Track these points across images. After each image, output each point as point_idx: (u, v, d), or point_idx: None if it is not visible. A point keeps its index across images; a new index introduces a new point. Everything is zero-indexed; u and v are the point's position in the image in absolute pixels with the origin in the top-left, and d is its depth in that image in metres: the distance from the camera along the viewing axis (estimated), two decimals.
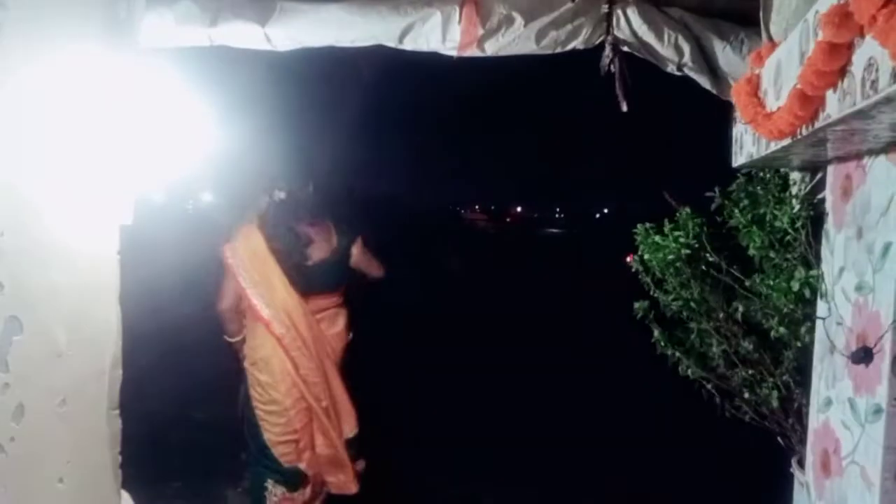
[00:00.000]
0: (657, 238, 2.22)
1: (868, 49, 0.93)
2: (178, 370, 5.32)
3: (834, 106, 1.09)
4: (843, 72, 1.03)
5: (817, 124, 1.19)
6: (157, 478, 3.57)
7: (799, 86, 1.15)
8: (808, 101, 1.15)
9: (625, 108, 2.18)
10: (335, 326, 3.00)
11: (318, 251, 2.95)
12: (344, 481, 2.97)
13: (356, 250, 3.06)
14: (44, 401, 1.59)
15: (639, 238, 2.29)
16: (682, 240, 2.14)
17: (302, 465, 2.91)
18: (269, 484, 2.91)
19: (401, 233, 4.03)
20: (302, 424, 2.89)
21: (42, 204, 1.59)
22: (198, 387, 4.99)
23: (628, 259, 2.43)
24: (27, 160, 1.54)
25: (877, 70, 0.90)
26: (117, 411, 1.83)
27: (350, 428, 3.00)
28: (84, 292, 1.71)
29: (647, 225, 2.28)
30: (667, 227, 2.22)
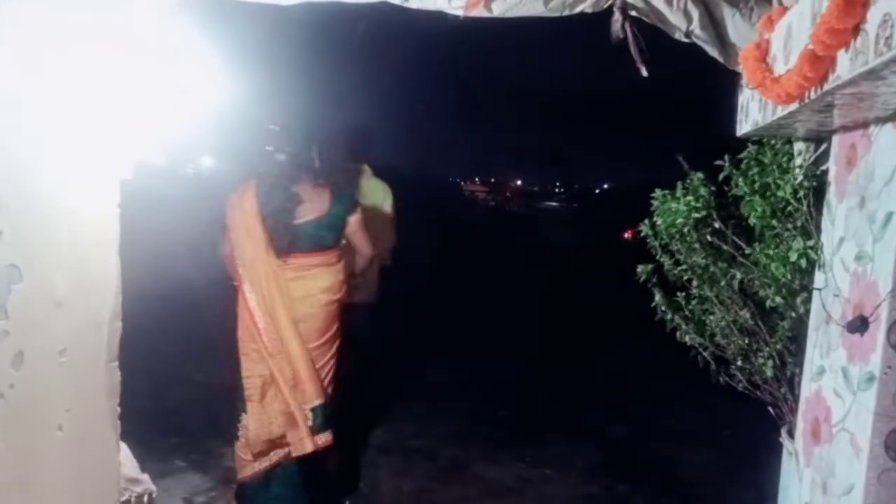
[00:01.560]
0: (673, 204, 2.23)
1: (884, 4, 0.92)
2: (177, 327, 5.36)
3: (845, 66, 1.08)
4: (856, 30, 1.01)
5: (826, 86, 1.17)
6: (155, 433, 3.61)
7: (810, 46, 1.13)
8: (819, 62, 1.13)
9: (644, 72, 2.15)
10: (316, 284, 2.99)
11: (307, 211, 2.96)
12: (298, 439, 2.94)
13: (353, 220, 3.06)
14: (43, 349, 1.60)
15: (656, 203, 2.30)
16: (692, 203, 2.15)
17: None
18: (243, 417, 2.99)
19: (401, 204, 4.05)
20: (262, 374, 2.95)
21: (44, 155, 1.58)
22: (197, 345, 5.03)
23: (627, 234, 2.44)
24: (29, 111, 1.53)
25: (892, 26, 0.89)
26: (116, 363, 1.85)
27: (312, 396, 2.95)
28: (84, 243, 1.71)
29: (666, 191, 2.28)
30: (679, 191, 2.23)
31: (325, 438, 2.97)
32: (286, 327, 2.92)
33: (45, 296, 1.60)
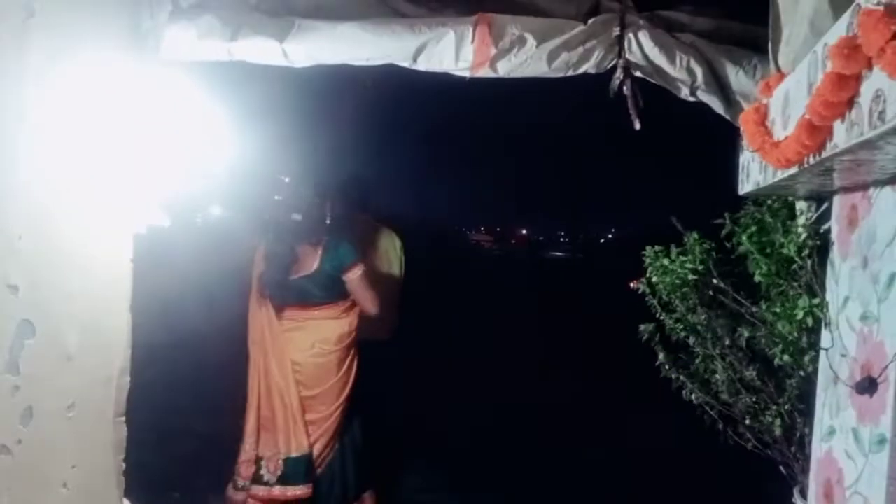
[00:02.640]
0: (665, 261, 2.24)
1: (876, 81, 0.96)
2: (183, 382, 5.32)
3: (841, 136, 1.12)
4: (850, 102, 1.05)
5: (824, 154, 1.21)
6: (160, 488, 3.56)
7: (807, 115, 1.17)
8: (816, 131, 1.17)
9: (637, 125, 2.20)
10: (311, 336, 3.11)
11: (301, 267, 3.12)
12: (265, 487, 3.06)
13: (352, 277, 3.13)
14: (53, 404, 1.61)
15: (647, 260, 2.31)
16: (688, 265, 2.16)
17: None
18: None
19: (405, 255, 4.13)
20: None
21: (59, 209, 1.62)
22: (201, 399, 4.99)
23: (632, 284, 2.44)
24: (46, 165, 1.58)
25: (884, 101, 0.92)
26: (123, 418, 1.84)
27: (297, 446, 3.02)
28: (97, 298, 1.73)
29: (657, 248, 2.29)
30: (673, 252, 2.24)
31: (296, 491, 3.01)
32: (276, 375, 3.06)
33: (56, 351, 1.62)
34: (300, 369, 3.08)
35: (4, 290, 1.47)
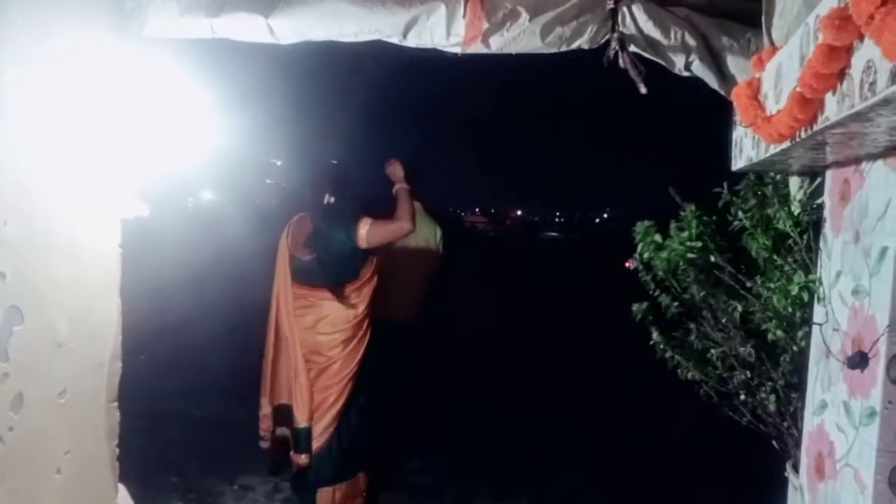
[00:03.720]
0: (657, 237, 2.22)
1: (867, 51, 0.94)
2: (178, 367, 5.33)
3: (833, 108, 1.10)
4: (842, 74, 1.04)
5: (816, 127, 1.20)
6: (154, 473, 3.57)
7: (798, 88, 1.16)
8: (808, 104, 1.16)
9: (643, 90, 2.17)
10: (320, 315, 3.20)
11: (312, 250, 3.20)
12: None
13: (363, 231, 3.15)
14: (43, 391, 1.60)
15: (638, 237, 2.29)
16: (687, 242, 2.14)
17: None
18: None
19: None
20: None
21: (45, 195, 1.60)
22: (196, 381, 5.00)
23: (627, 264, 2.42)
24: (30, 149, 1.55)
25: (875, 72, 0.91)
26: (115, 404, 1.84)
27: (302, 418, 3.16)
28: (86, 284, 1.72)
29: (647, 223, 2.27)
30: (672, 227, 2.22)
31: (298, 458, 3.18)
32: (294, 347, 3.17)
33: (45, 337, 1.61)
34: (311, 346, 3.19)
35: None
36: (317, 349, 3.19)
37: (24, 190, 1.54)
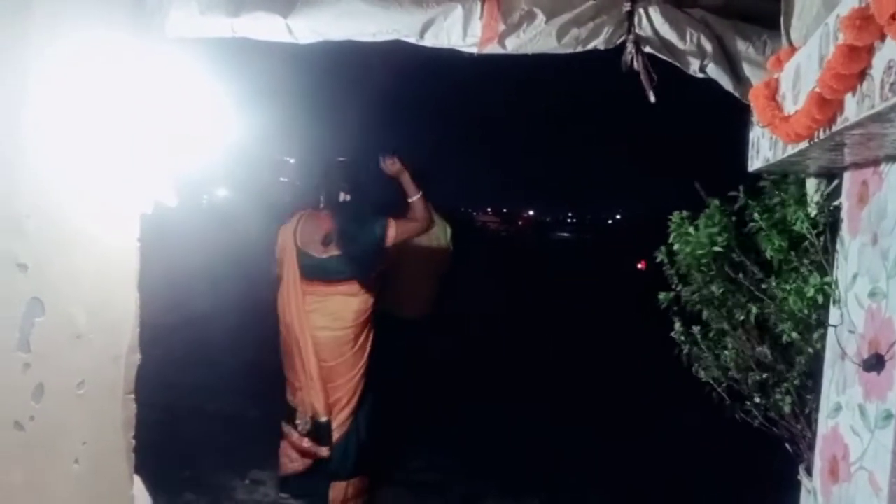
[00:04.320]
0: (691, 230, 2.21)
1: (888, 52, 0.94)
2: (193, 362, 5.37)
3: (852, 109, 1.10)
4: (862, 75, 1.03)
5: (835, 128, 1.19)
6: (168, 466, 3.61)
7: (818, 89, 1.16)
8: (827, 105, 1.15)
9: (652, 98, 2.17)
10: (332, 311, 3.30)
11: (334, 246, 3.30)
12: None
13: (391, 230, 3.31)
14: (63, 382, 1.62)
15: (672, 226, 2.27)
16: (713, 237, 2.13)
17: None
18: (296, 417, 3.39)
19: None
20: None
21: (65, 189, 1.62)
22: (210, 376, 5.04)
23: (640, 266, 2.42)
24: (52, 145, 1.57)
25: None
26: (132, 396, 1.86)
27: (321, 411, 3.27)
28: (104, 277, 1.74)
29: (683, 213, 2.25)
30: (700, 221, 2.21)
31: (319, 450, 3.30)
32: (306, 347, 3.25)
33: (65, 329, 1.63)
34: (323, 342, 3.28)
35: (14, 268, 1.48)
36: (328, 346, 3.26)
37: (45, 185, 1.57)
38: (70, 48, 1.59)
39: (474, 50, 2.24)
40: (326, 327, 3.26)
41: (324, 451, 3.30)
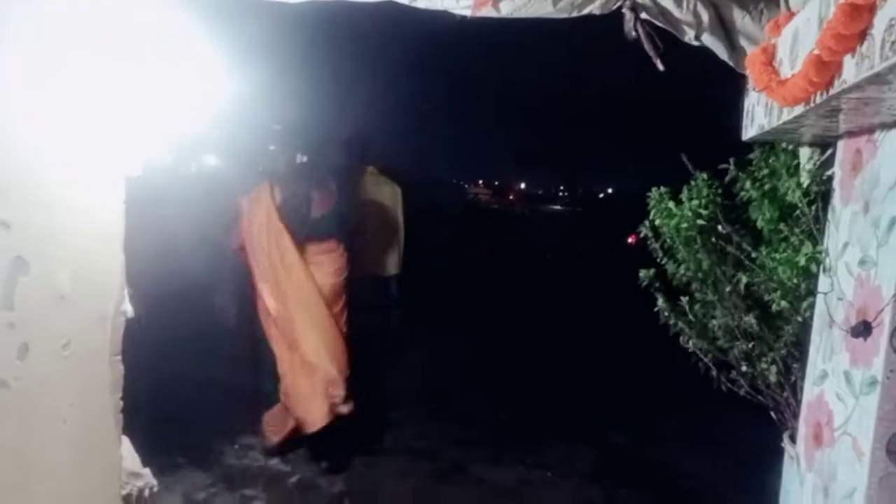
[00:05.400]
0: (671, 204, 2.22)
1: (890, 10, 0.92)
2: (179, 325, 5.35)
3: (851, 70, 1.08)
4: (862, 35, 1.02)
5: (832, 90, 1.18)
6: (157, 430, 3.61)
7: (816, 51, 1.14)
8: (825, 67, 1.13)
9: (661, 66, 2.15)
10: (322, 269, 3.41)
11: (317, 207, 3.38)
12: (312, 418, 3.38)
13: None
14: (48, 342, 1.61)
15: (651, 202, 2.29)
16: (697, 209, 2.14)
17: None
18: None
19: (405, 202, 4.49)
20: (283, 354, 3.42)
21: (50, 148, 1.59)
22: (198, 344, 5.03)
23: (630, 240, 2.44)
24: (35, 102, 1.53)
25: None
26: (119, 357, 1.85)
27: (335, 369, 3.33)
28: (89, 238, 1.72)
29: (662, 189, 2.27)
30: (684, 194, 2.22)
31: (344, 408, 3.39)
32: (297, 310, 3.32)
33: (49, 289, 1.61)
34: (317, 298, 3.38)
35: None
36: (327, 299, 3.40)
37: (30, 144, 1.53)
38: (56, 3, 1.54)
39: (468, 12, 2.19)
40: (322, 283, 3.39)
41: (346, 408, 3.39)
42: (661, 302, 2.34)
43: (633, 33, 2.14)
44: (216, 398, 4.24)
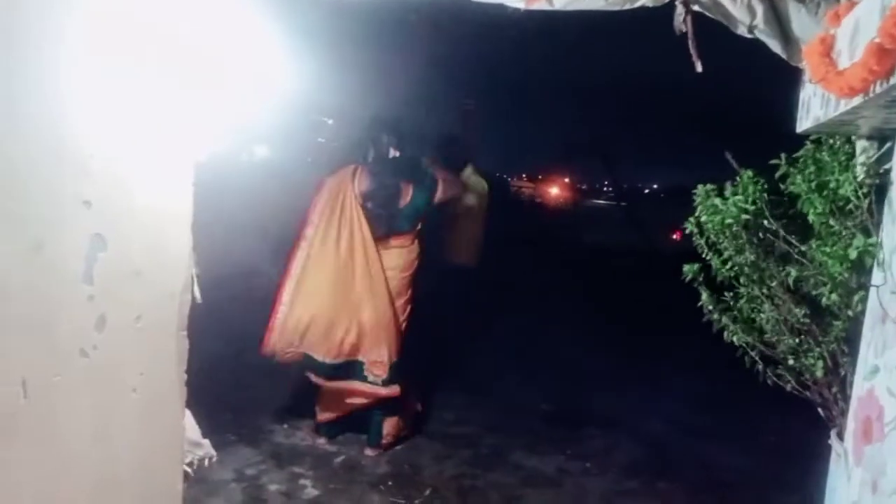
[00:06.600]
0: (717, 201, 2.21)
1: None
2: (236, 313, 5.53)
3: None
4: None
5: (893, 80, 1.17)
6: (210, 408, 3.77)
7: (877, 39, 1.14)
8: (885, 55, 1.13)
9: (699, 68, 2.15)
10: (392, 261, 3.54)
11: (404, 201, 3.56)
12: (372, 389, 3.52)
13: (440, 190, 3.59)
14: (122, 315, 1.72)
15: (698, 199, 2.29)
16: (741, 204, 2.13)
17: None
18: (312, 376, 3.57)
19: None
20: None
21: (125, 133, 1.70)
22: (252, 331, 5.19)
23: (675, 236, 2.44)
24: (115, 88, 1.64)
25: None
26: (185, 332, 1.96)
27: (389, 353, 3.45)
28: (161, 218, 1.82)
29: (708, 187, 2.27)
30: (728, 190, 2.21)
31: (394, 391, 3.50)
32: (362, 296, 3.42)
33: (125, 265, 1.72)
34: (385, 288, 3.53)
35: (80, 205, 1.57)
36: (394, 291, 3.53)
37: (109, 127, 1.64)
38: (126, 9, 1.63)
39: (521, 5, 2.22)
40: (390, 276, 3.52)
41: (395, 390, 3.50)
42: (704, 297, 2.34)
43: (683, 28, 2.14)
44: (263, 379, 4.39)
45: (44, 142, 1.48)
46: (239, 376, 4.42)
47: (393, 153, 3.50)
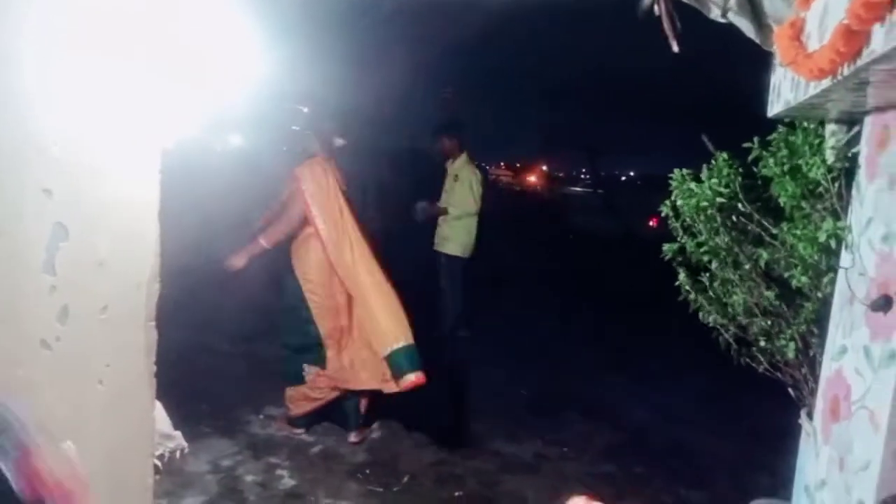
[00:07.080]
0: (693, 185, 2.23)
1: None
2: (208, 302, 5.47)
3: (879, 40, 1.08)
4: (893, 2, 1.02)
5: (860, 62, 1.18)
6: (184, 399, 3.72)
7: (845, 20, 1.14)
8: (853, 37, 1.13)
9: (676, 48, 2.14)
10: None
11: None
12: (366, 379, 3.52)
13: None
14: (87, 306, 1.68)
15: (674, 183, 2.30)
16: (716, 187, 2.15)
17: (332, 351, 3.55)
18: (305, 367, 3.56)
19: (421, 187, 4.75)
20: (341, 326, 3.56)
21: (91, 120, 1.65)
22: (226, 320, 5.14)
23: (652, 223, 2.46)
24: (78, 77, 1.59)
25: None
26: (153, 323, 1.92)
27: (393, 339, 3.44)
28: (127, 207, 1.78)
29: (684, 171, 2.28)
30: (703, 173, 2.23)
31: (418, 378, 3.50)
32: (360, 262, 3.44)
33: (88, 255, 1.67)
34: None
35: (39, 193, 1.52)
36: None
37: (72, 115, 1.59)
38: None
39: None
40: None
41: (420, 377, 3.51)
42: (682, 276, 2.36)
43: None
44: (238, 369, 4.35)
45: (2, 129, 1.43)
46: (213, 366, 4.38)
47: (338, 141, 3.56)
